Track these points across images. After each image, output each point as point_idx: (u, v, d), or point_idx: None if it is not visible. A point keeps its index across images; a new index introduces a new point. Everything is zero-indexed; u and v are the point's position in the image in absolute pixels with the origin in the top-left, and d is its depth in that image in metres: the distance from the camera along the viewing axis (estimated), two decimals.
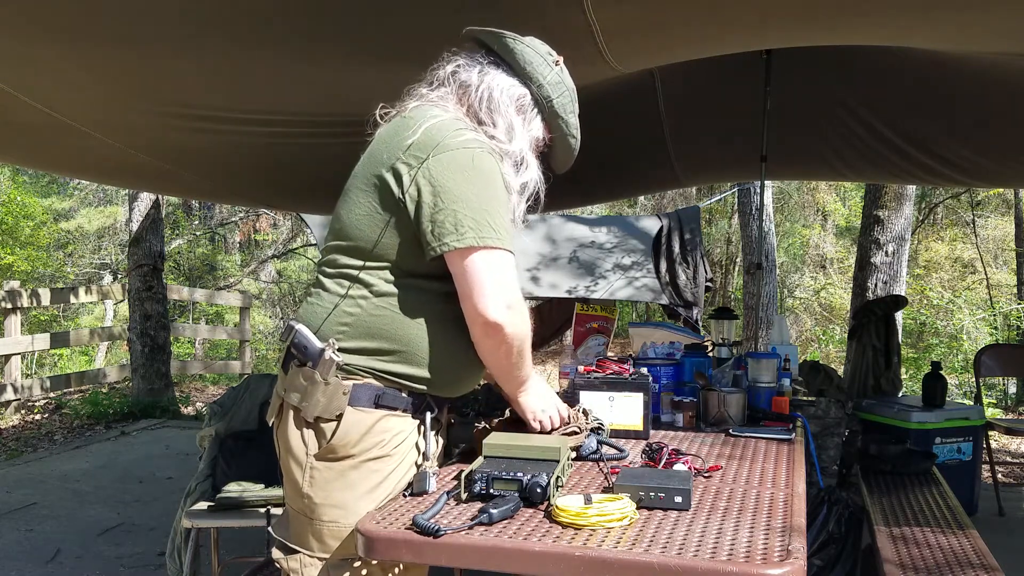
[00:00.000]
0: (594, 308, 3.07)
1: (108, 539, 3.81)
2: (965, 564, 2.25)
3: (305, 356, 1.51)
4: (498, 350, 1.50)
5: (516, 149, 1.56)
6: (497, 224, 1.45)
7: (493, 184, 1.48)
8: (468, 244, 1.43)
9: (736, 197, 9.44)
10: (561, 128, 1.64)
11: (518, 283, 1.49)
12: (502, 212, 1.48)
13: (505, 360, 1.54)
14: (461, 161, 1.45)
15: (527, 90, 1.59)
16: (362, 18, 2.02)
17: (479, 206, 1.44)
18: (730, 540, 1.23)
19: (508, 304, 1.45)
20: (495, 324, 1.44)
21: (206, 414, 3.01)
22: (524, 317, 1.49)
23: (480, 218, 1.43)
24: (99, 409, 6.80)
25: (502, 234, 1.45)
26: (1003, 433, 5.22)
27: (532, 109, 1.60)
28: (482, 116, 1.55)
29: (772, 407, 2.34)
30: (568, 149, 1.69)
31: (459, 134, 1.48)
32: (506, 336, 1.47)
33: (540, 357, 12.34)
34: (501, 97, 1.56)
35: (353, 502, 1.50)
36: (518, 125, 1.57)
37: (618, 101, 3.22)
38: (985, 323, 10.52)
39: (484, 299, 1.43)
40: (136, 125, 2.84)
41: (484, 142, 1.50)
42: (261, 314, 14.56)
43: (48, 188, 14.45)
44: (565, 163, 1.73)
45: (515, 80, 1.58)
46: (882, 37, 2.37)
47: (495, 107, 1.56)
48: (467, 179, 1.44)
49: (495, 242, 1.44)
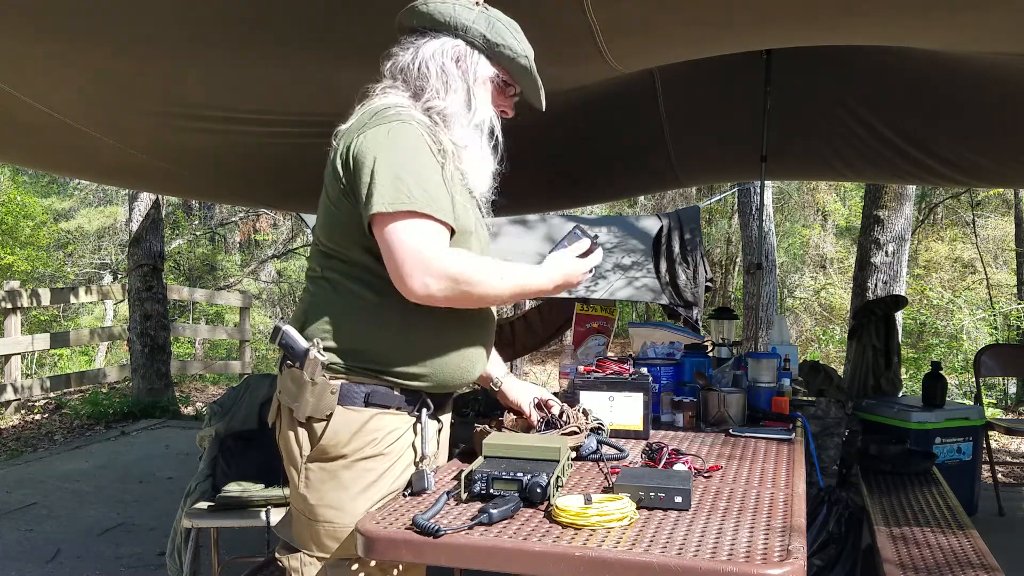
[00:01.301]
0: (594, 308, 3.07)
1: (108, 539, 3.81)
2: (965, 564, 2.25)
3: (293, 356, 1.51)
4: (451, 304, 1.47)
5: (456, 99, 1.54)
6: (412, 188, 1.41)
7: (408, 149, 1.45)
8: (378, 210, 1.40)
9: (736, 197, 9.44)
10: (506, 55, 1.58)
11: (444, 250, 1.43)
12: (424, 177, 1.43)
13: (476, 303, 1.51)
14: (378, 135, 1.45)
15: (457, 39, 1.56)
16: (360, 18, 2.02)
17: (391, 173, 1.41)
18: (730, 540, 1.23)
19: (428, 273, 1.40)
20: (427, 291, 1.42)
21: (206, 414, 3.01)
22: (459, 278, 1.42)
23: (389, 184, 1.41)
24: (99, 409, 6.80)
25: (417, 196, 1.41)
26: (1003, 433, 5.22)
27: (471, 53, 1.57)
28: (421, 84, 1.54)
29: (772, 407, 2.34)
30: (527, 74, 1.62)
31: (384, 112, 1.48)
32: (444, 298, 1.44)
33: (540, 357, 12.36)
34: (432, 58, 1.54)
35: (348, 502, 1.50)
36: (455, 76, 1.54)
37: (618, 101, 3.23)
38: (985, 323, 10.52)
39: (403, 279, 1.41)
40: (136, 125, 2.84)
41: (407, 116, 1.49)
42: (261, 314, 14.57)
43: (48, 188, 14.45)
44: (535, 91, 1.66)
45: (443, 37, 1.56)
46: (882, 37, 2.37)
47: (427, 71, 1.54)
48: (380, 149, 1.43)
49: (409, 205, 1.40)
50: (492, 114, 1.60)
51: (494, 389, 1.84)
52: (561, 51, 1.67)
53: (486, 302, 1.53)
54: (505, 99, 1.65)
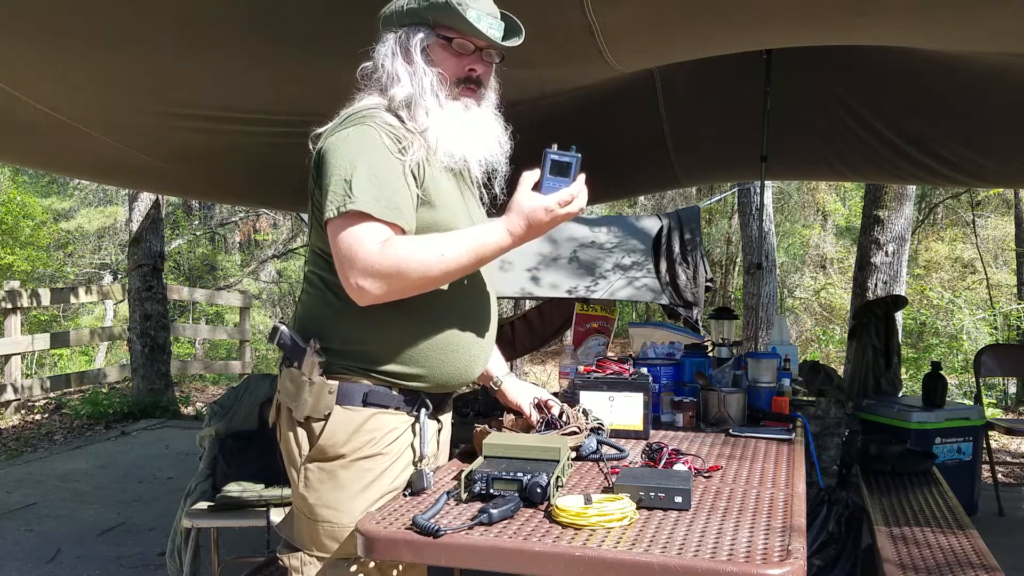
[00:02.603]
0: (594, 308, 3.07)
1: (108, 539, 3.81)
2: (965, 564, 2.25)
3: (291, 356, 1.52)
4: (400, 296, 1.43)
5: (410, 82, 1.49)
6: (356, 190, 1.39)
7: (363, 152, 1.43)
8: (328, 216, 1.41)
9: (736, 197, 9.44)
10: (429, 6, 1.49)
11: (373, 242, 1.39)
12: (372, 177, 1.41)
13: (421, 288, 1.44)
14: (336, 141, 1.46)
15: (398, 30, 1.53)
16: (360, 18, 2.02)
17: (340, 177, 1.42)
18: (730, 540, 1.23)
19: (360, 274, 1.38)
20: (364, 292, 1.40)
21: (206, 414, 3.01)
22: (390, 272, 1.38)
23: (338, 189, 1.41)
24: (99, 409, 6.80)
25: (358, 197, 1.39)
26: (1003, 433, 5.22)
27: (408, 33, 1.52)
28: (385, 83, 1.54)
29: (772, 407, 2.33)
30: (462, 18, 1.46)
31: (352, 117, 1.50)
32: (385, 295, 1.41)
33: (540, 357, 12.36)
34: (385, 56, 1.54)
35: (346, 502, 1.50)
36: (401, 62, 1.51)
37: (618, 101, 3.23)
38: (985, 323, 10.52)
39: (344, 277, 1.41)
40: (136, 125, 2.84)
41: (369, 117, 1.48)
42: (261, 314, 14.57)
43: (48, 188, 14.44)
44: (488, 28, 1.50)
45: (390, 33, 1.55)
46: (882, 37, 2.37)
47: (385, 67, 1.53)
48: (336, 154, 1.44)
49: (350, 206, 1.39)
50: (433, 73, 1.50)
51: (494, 388, 1.84)
52: (561, 51, 1.67)
53: (437, 283, 1.45)
54: (464, 57, 1.53)
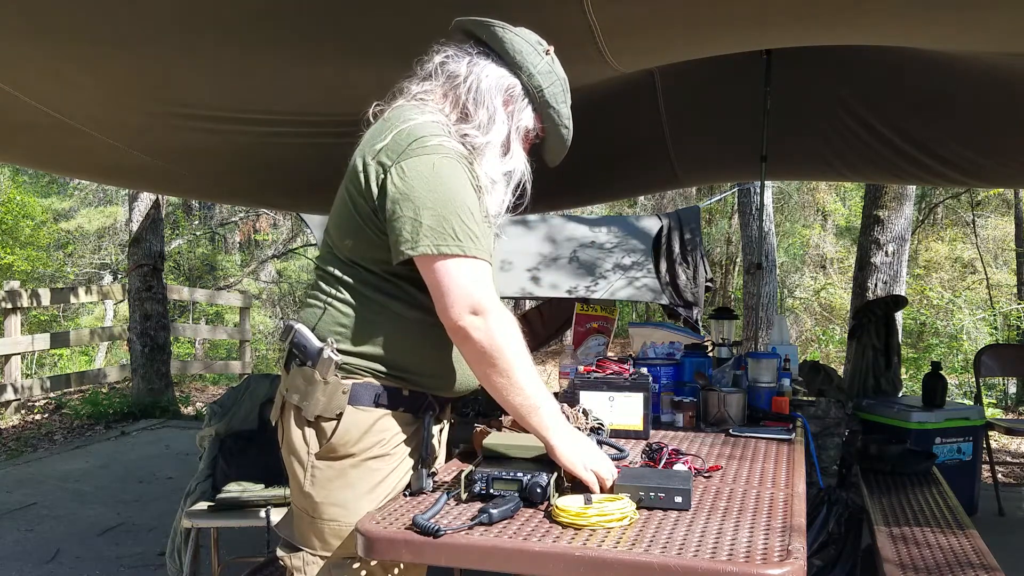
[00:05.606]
0: (594, 308, 3.07)
1: (108, 539, 3.81)
2: (965, 564, 2.25)
3: (305, 356, 1.52)
4: (480, 360, 1.43)
5: (495, 140, 1.52)
6: (458, 230, 1.41)
7: (455, 189, 1.43)
8: (422, 252, 1.40)
9: (736, 197, 9.44)
10: (552, 118, 1.60)
11: (489, 289, 1.43)
12: (464, 218, 1.42)
13: (491, 371, 1.43)
14: (421, 168, 1.42)
15: (517, 80, 1.55)
16: (361, 17, 2.02)
17: (438, 213, 1.41)
18: (730, 540, 1.23)
19: (472, 309, 1.40)
20: (460, 328, 1.41)
21: (206, 414, 3.01)
22: (498, 324, 1.41)
23: (437, 225, 1.40)
24: (99, 409, 6.80)
25: (464, 240, 1.41)
26: (1003, 433, 5.22)
27: (522, 99, 1.56)
28: (468, 108, 1.52)
29: (772, 407, 2.33)
30: (560, 140, 1.64)
31: (425, 140, 1.44)
32: (475, 342, 1.40)
33: (540, 357, 12.35)
34: (489, 87, 1.52)
35: (354, 501, 1.51)
36: (501, 116, 1.53)
37: (618, 101, 3.22)
38: (985, 323, 10.52)
39: (446, 308, 1.41)
40: (136, 125, 2.84)
41: (450, 148, 1.46)
42: (261, 314, 14.57)
43: (48, 188, 14.45)
44: (558, 154, 1.68)
45: (504, 70, 1.54)
46: (882, 37, 2.37)
47: (480, 98, 1.52)
48: (426, 186, 1.41)
49: (455, 249, 1.40)
50: (525, 169, 1.58)
51: None
52: (561, 51, 1.67)
53: (491, 351, 1.42)
54: (527, 143, 1.64)
